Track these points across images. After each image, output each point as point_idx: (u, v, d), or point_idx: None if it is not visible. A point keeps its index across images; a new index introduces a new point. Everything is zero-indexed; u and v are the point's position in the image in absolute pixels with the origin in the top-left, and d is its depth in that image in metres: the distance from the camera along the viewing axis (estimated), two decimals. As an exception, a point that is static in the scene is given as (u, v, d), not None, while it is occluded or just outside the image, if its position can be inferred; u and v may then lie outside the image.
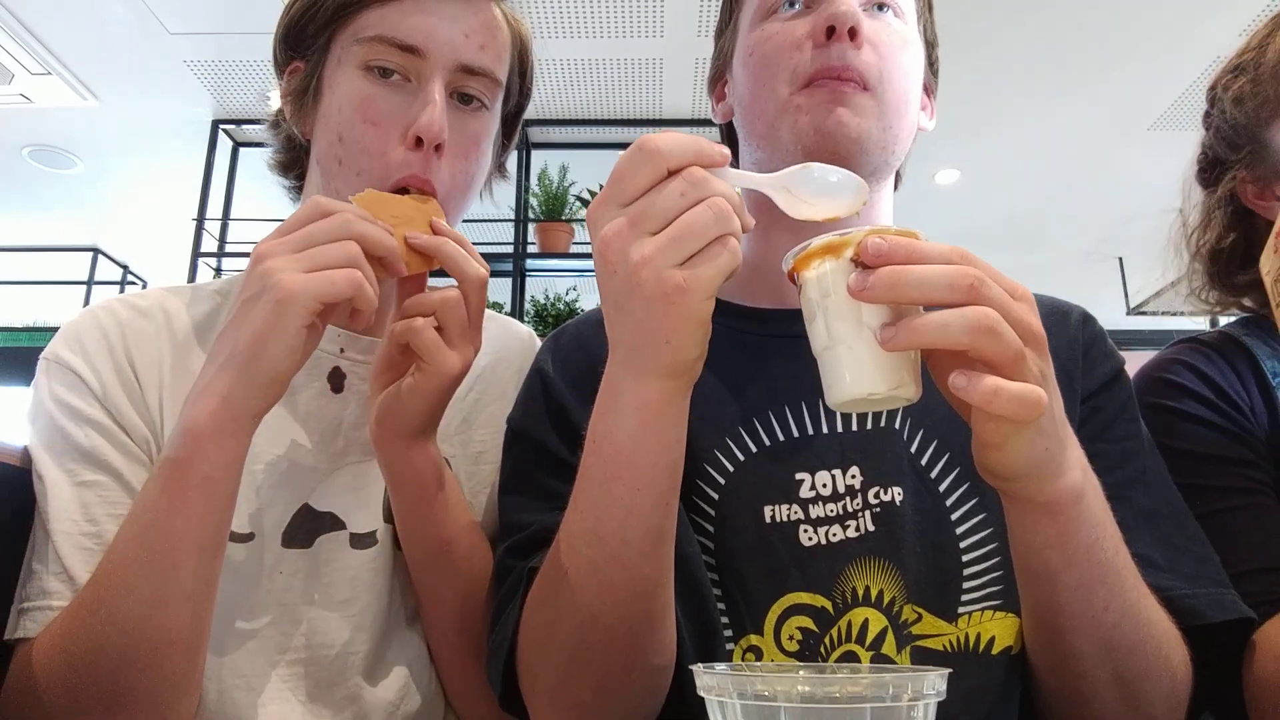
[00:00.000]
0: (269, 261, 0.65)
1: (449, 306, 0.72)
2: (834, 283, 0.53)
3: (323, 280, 0.64)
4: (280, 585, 0.79)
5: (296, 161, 0.93)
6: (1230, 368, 0.91)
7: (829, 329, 0.54)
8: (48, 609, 0.69)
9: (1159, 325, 5.11)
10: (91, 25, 3.49)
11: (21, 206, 5.24)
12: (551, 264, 3.84)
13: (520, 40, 0.90)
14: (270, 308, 0.63)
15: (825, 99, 0.74)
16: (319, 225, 0.67)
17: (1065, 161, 4.60)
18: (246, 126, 4.29)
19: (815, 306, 0.54)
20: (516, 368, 0.96)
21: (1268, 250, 0.71)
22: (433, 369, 0.72)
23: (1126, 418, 0.78)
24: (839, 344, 0.53)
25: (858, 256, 0.52)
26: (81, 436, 0.75)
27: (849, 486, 0.73)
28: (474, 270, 0.74)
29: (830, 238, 0.53)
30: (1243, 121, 0.96)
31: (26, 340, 5.17)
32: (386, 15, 0.80)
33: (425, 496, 0.76)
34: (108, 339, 0.80)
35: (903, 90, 0.78)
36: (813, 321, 0.55)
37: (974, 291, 0.50)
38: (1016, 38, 3.59)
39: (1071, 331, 0.81)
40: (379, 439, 0.75)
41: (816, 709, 0.40)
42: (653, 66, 3.82)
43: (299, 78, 0.86)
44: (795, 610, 0.71)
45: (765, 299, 0.84)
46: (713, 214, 0.52)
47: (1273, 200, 0.96)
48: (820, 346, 0.55)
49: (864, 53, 0.75)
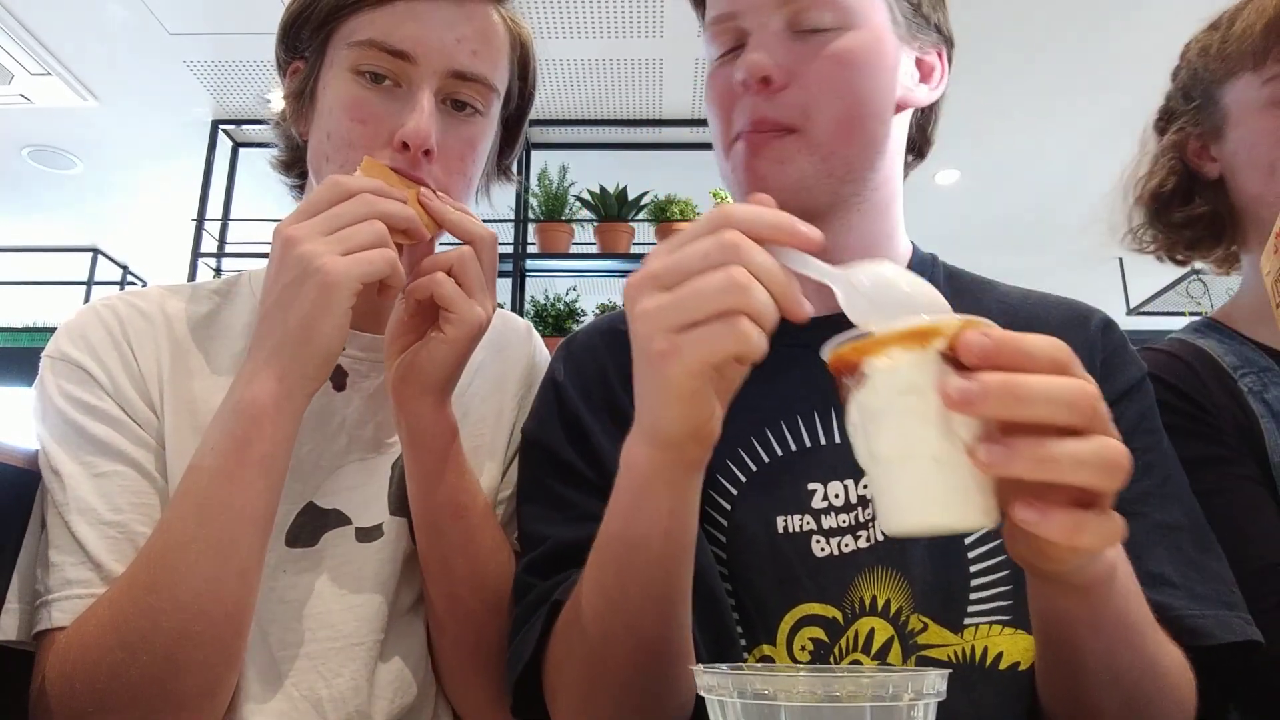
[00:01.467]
0: (305, 245, 0.67)
1: (465, 260, 0.74)
2: (918, 380, 0.43)
3: (363, 262, 0.67)
4: (284, 584, 0.79)
5: (298, 161, 0.94)
6: (1188, 368, 0.91)
7: (904, 437, 0.44)
8: (76, 597, 0.69)
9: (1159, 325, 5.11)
10: (91, 25, 3.49)
11: (21, 207, 5.24)
12: (551, 264, 3.84)
13: (521, 43, 0.90)
14: (318, 291, 0.66)
15: (747, 154, 0.74)
16: (344, 207, 0.69)
17: (1065, 161, 4.60)
18: (246, 127, 4.30)
19: (883, 406, 0.44)
20: (515, 360, 0.97)
21: (1268, 250, 0.71)
22: (458, 317, 0.73)
23: (1146, 428, 0.76)
24: (916, 458, 0.44)
25: (952, 352, 0.43)
26: (97, 429, 0.75)
27: (861, 497, 0.73)
28: (482, 229, 0.76)
29: (915, 324, 0.44)
30: (1201, 73, 0.97)
31: (26, 340, 5.16)
32: (378, 19, 0.79)
33: (442, 457, 0.77)
34: (111, 334, 0.80)
35: (842, 109, 0.73)
36: (876, 423, 0.45)
37: (1095, 416, 0.44)
38: (1017, 38, 3.59)
39: (1090, 337, 0.79)
40: (400, 397, 0.76)
41: (816, 709, 0.40)
42: (653, 66, 3.82)
43: (298, 79, 0.86)
44: (807, 621, 0.71)
45: None
46: (722, 282, 0.47)
47: (1208, 160, 0.98)
48: (885, 456, 0.45)
49: (784, 94, 0.72)
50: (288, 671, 0.78)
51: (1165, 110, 1.04)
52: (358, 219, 0.69)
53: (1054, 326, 0.80)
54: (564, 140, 4.29)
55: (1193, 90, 0.99)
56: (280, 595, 0.79)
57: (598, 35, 3.59)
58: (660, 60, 3.77)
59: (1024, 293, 0.86)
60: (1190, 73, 0.99)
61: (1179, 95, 1.01)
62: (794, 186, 0.73)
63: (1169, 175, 1.01)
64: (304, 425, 0.83)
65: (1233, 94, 0.94)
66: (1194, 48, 1.00)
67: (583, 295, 3.76)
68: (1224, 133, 0.95)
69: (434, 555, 0.80)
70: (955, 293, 0.84)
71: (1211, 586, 0.70)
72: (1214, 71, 0.96)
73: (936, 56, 0.83)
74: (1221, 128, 0.95)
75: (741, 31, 0.76)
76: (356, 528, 0.83)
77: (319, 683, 0.78)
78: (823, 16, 0.74)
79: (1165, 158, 1.02)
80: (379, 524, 0.83)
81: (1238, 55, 0.92)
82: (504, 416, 0.93)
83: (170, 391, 0.80)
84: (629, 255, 3.69)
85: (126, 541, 0.72)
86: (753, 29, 0.74)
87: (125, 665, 0.64)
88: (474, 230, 0.76)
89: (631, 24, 3.51)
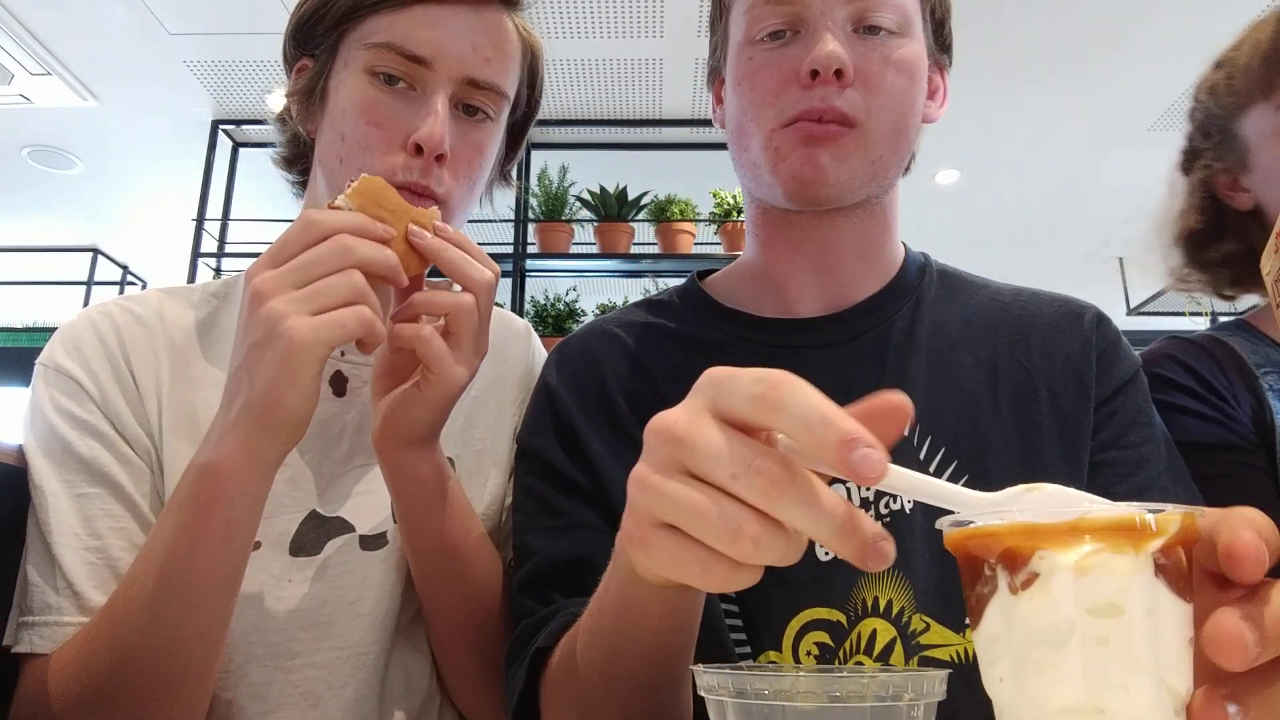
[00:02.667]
0: (271, 302, 0.61)
1: (462, 313, 0.68)
2: (1125, 593, 0.31)
3: (333, 325, 0.61)
4: (289, 594, 0.78)
5: (300, 157, 0.93)
6: (1214, 361, 0.94)
7: (1091, 678, 0.31)
8: (54, 624, 0.70)
9: (1159, 325, 5.11)
10: (91, 25, 3.49)
11: (21, 206, 5.23)
12: (551, 264, 3.83)
13: (531, 52, 0.90)
14: (281, 360, 0.60)
15: (805, 141, 0.73)
16: (318, 254, 0.62)
17: (1065, 161, 4.60)
18: (246, 126, 4.29)
19: (1063, 628, 0.31)
20: (514, 361, 0.96)
21: (1268, 250, 0.70)
22: (438, 380, 0.68)
23: (1142, 421, 0.77)
24: (1106, 713, 0.30)
25: (1165, 558, 0.31)
26: (82, 446, 0.75)
27: (864, 499, 0.72)
28: (480, 274, 0.70)
29: (1124, 513, 0.32)
30: (1216, 111, 1.00)
31: (26, 340, 5.17)
32: (395, 23, 0.79)
33: (430, 503, 0.75)
34: (105, 345, 0.79)
35: (896, 116, 0.75)
36: (1044, 649, 0.32)
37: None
38: (1017, 38, 3.59)
39: (1085, 332, 0.80)
40: (382, 447, 0.73)
41: (816, 709, 0.40)
42: (653, 66, 3.82)
43: (306, 76, 0.86)
44: (813, 626, 0.71)
45: (770, 307, 0.83)
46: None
47: (1239, 190, 1.00)
48: (1053, 703, 0.32)
49: (850, 91, 0.73)
50: (295, 681, 0.77)
51: (1188, 151, 1.07)
52: (330, 269, 0.62)
53: (1047, 323, 0.81)
54: (564, 140, 4.29)
55: (1210, 128, 1.02)
56: (286, 604, 0.78)
57: (598, 35, 3.59)
58: (660, 60, 3.76)
59: (1015, 290, 0.86)
60: (1205, 112, 1.02)
61: (1199, 134, 1.04)
62: (845, 183, 0.74)
63: (1198, 214, 1.04)
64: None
65: (1249, 125, 0.97)
66: (1203, 88, 1.03)
67: (583, 295, 3.76)
68: (1249, 163, 0.98)
69: (429, 591, 0.80)
70: (947, 291, 0.85)
71: None
72: (1227, 107, 0.99)
73: (940, 75, 0.85)
74: (1245, 159, 0.98)
75: (797, 18, 0.75)
76: (360, 535, 0.82)
77: (326, 692, 0.78)
78: (886, 18, 0.75)
79: (1194, 196, 1.05)
80: (383, 532, 0.83)
81: (1245, 89, 0.96)
82: (504, 419, 0.92)
83: (170, 403, 0.79)
84: (629, 255, 3.69)
85: (105, 567, 0.72)
86: (815, 18, 0.74)
87: (90, 709, 0.64)
88: (472, 275, 0.69)
89: (631, 24, 3.51)
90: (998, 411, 0.75)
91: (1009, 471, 0.72)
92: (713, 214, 3.70)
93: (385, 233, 0.66)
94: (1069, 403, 0.76)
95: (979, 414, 0.75)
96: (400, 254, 0.67)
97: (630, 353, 0.83)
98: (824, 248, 0.80)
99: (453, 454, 0.88)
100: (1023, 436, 0.74)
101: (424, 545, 0.77)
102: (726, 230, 3.63)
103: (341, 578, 0.80)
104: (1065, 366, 0.77)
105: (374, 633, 0.80)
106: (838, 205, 0.76)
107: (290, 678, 0.77)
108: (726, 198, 3.64)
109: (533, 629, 0.69)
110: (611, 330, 0.86)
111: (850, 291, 0.82)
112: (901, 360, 0.78)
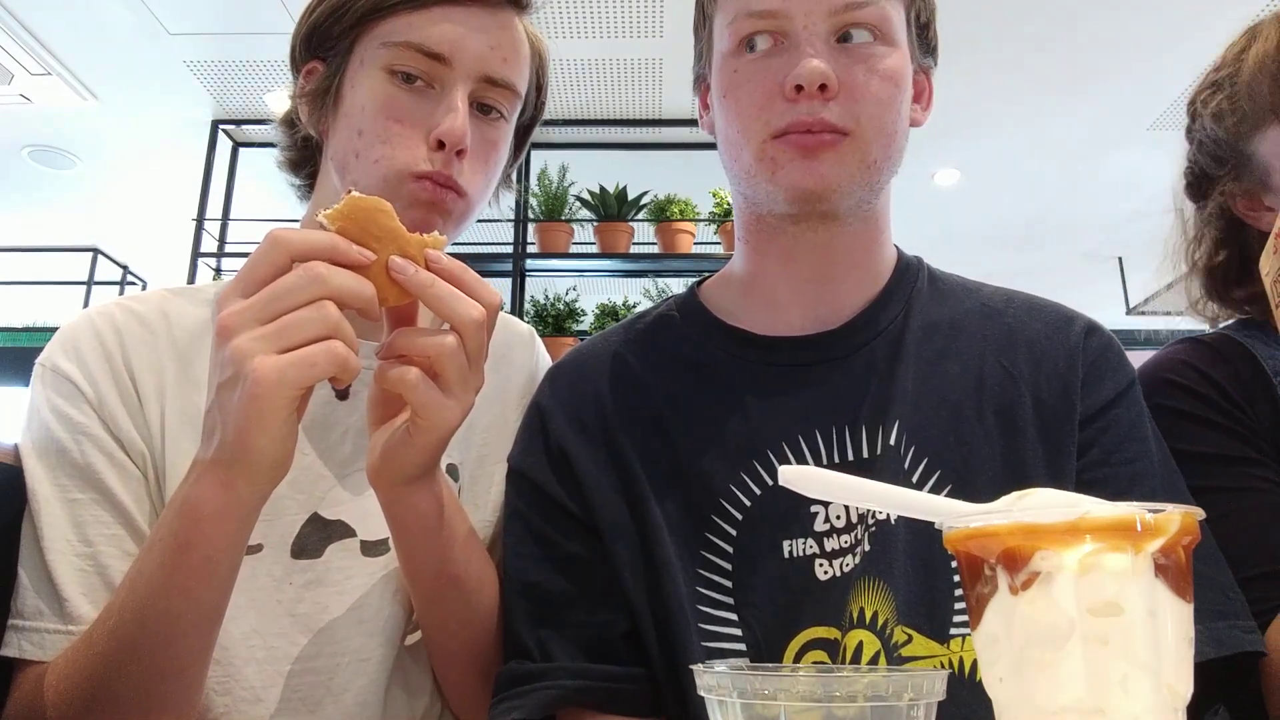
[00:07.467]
0: (236, 340, 0.57)
1: (445, 356, 0.62)
2: (1126, 593, 0.31)
3: (302, 364, 0.56)
4: (290, 597, 0.78)
5: (308, 160, 0.93)
6: (1230, 366, 0.91)
7: (1092, 679, 0.31)
8: (43, 631, 0.70)
9: (1159, 325, 5.11)
10: (91, 25, 3.49)
11: (21, 206, 5.23)
12: (551, 264, 3.84)
13: (539, 56, 0.92)
14: (248, 402, 0.56)
15: (799, 153, 0.73)
16: (286, 283, 0.57)
17: (1065, 161, 4.60)
18: (246, 126, 4.29)
19: (1061, 628, 0.32)
20: (517, 367, 0.96)
21: (1267, 251, 0.70)
22: (427, 423, 0.63)
23: (1136, 437, 0.75)
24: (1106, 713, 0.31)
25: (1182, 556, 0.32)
26: (76, 451, 0.75)
27: (861, 516, 0.73)
28: (467, 312, 0.62)
29: (1125, 512, 0.32)
30: (1225, 137, 0.96)
31: (26, 340, 5.16)
32: (414, 22, 0.80)
33: (429, 536, 0.72)
34: (105, 347, 0.79)
35: (884, 123, 0.75)
36: (1042, 649, 0.32)
37: None
38: (1016, 38, 3.59)
39: (1072, 342, 0.79)
40: (376, 483, 0.70)
41: (816, 708, 0.40)
42: (653, 66, 3.82)
43: (317, 78, 0.86)
44: (812, 645, 0.71)
45: (762, 321, 0.82)
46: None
47: (1263, 210, 0.96)
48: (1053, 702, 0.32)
49: (835, 102, 0.73)
50: (295, 687, 0.77)
51: (1195, 174, 1.02)
52: (300, 301, 0.57)
53: (1036, 331, 0.80)
54: (564, 140, 4.29)
55: (1221, 153, 0.97)
56: (287, 608, 0.78)
57: (598, 35, 3.59)
58: (660, 60, 3.76)
59: (1007, 297, 0.85)
60: (1211, 137, 0.98)
61: (1208, 160, 0.99)
62: (843, 187, 0.74)
63: (1218, 247, 1.00)
64: (306, 434, 0.82)
65: (1265, 146, 0.93)
66: (1204, 111, 0.98)
67: (583, 295, 3.76)
68: (1270, 183, 0.94)
69: (429, 619, 0.79)
70: (938, 297, 0.84)
71: (1205, 596, 0.69)
72: (1237, 130, 0.95)
73: (925, 78, 0.85)
74: (1266, 180, 0.94)
75: (781, 32, 0.75)
76: (362, 540, 0.82)
77: (327, 698, 0.77)
78: (868, 27, 0.75)
79: (1212, 228, 1.01)
80: (385, 538, 0.82)
81: (1255, 112, 0.92)
82: (507, 426, 0.92)
83: (173, 405, 0.79)
84: (629, 255, 3.70)
85: (96, 575, 0.72)
86: (798, 33, 0.74)
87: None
88: (459, 313, 0.62)
89: (631, 24, 3.51)
90: (982, 420, 0.75)
91: (992, 482, 0.72)
92: (712, 214, 3.70)
93: (361, 257, 0.60)
94: (1053, 413, 0.75)
95: (963, 424, 0.75)
96: (381, 283, 0.61)
97: (628, 375, 0.83)
98: (817, 256, 0.80)
99: (455, 460, 0.88)
100: (1006, 445, 0.74)
101: (424, 576, 0.75)
102: (726, 230, 3.63)
103: (343, 584, 0.80)
104: (1051, 375, 0.77)
105: (375, 639, 0.80)
106: (839, 209, 0.75)
107: (291, 682, 0.77)
108: (726, 197, 3.64)
109: (520, 679, 0.73)
110: (609, 350, 0.85)
111: (842, 299, 0.81)
112: (889, 373, 0.77)
